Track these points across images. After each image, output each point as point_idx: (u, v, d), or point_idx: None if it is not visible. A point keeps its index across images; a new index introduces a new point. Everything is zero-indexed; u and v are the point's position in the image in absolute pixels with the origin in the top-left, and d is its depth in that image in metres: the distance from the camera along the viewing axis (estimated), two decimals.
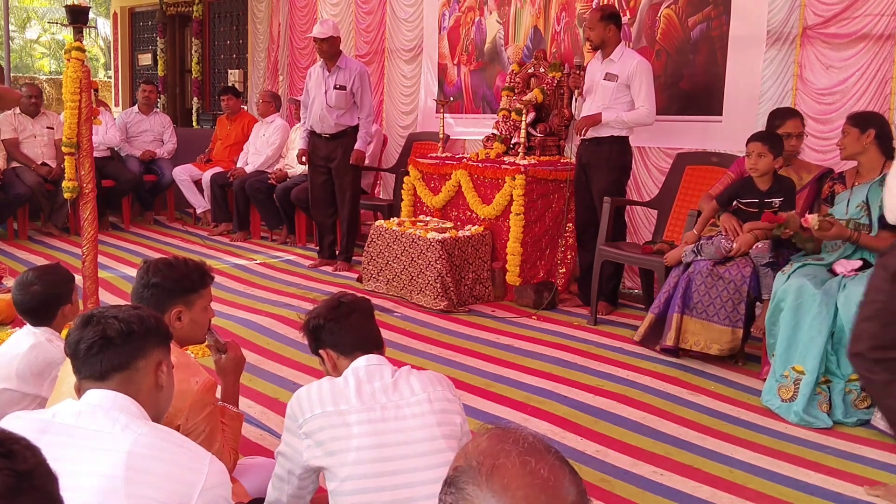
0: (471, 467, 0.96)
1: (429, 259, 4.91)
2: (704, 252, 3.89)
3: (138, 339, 1.61)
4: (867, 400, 3.27)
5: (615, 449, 3.00)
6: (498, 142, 5.52)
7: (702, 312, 3.84)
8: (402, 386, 1.93)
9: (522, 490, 0.93)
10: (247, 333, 4.31)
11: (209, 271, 2.27)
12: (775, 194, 3.84)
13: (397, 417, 1.86)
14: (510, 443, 0.98)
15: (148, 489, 1.43)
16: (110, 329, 1.58)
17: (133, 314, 1.63)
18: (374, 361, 1.97)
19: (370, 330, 2.07)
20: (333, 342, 2.02)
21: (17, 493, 0.88)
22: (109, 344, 1.57)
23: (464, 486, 0.95)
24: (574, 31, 5.66)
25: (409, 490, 1.80)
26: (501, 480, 0.93)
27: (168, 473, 1.46)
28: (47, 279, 2.63)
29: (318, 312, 2.07)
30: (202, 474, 1.50)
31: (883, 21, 4.16)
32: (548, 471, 0.95)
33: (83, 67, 3.84)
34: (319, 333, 2.04)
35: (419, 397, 1.91)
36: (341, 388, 1.90)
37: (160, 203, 8.16)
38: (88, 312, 1.65)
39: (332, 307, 2.06)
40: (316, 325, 2.05)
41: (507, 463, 0.95)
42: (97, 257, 4.06)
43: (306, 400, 1.89)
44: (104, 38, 19.85)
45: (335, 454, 1.82)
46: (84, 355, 1.57)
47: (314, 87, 5.83)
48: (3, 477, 0.87)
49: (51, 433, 1.46)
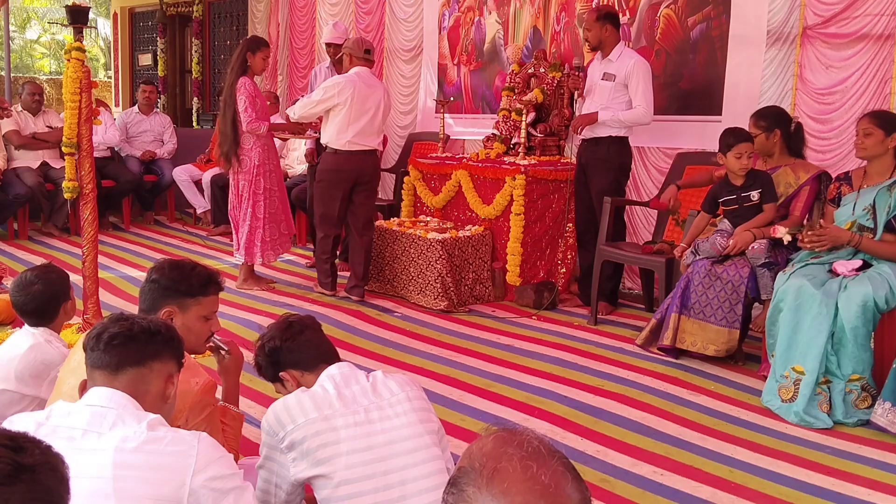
0: (473, 469, 0.96)
1: (429, 259, 4.91)
2: (701, 250, 3.90)
3: (160, 343, 1.66)
4: (867, 400, 3.27)
5: (615, 449, 3.00)
6: (498, 142, 5.52)
7: (699, 313, 3.84)
8: (380, 388, 1.94)
9: (522, 496, 0.92)
10: (247, 333, 4.30)
11: (217, 281, 2.20)
12: (751, 188, 3.87)
13: (382, 418, 1.87)
14: (514, 446, 0.97)
15: (138, 485, 1.43)
16: (137, 326, 1.65)
17: (161, 323, 1.73)
18: (346, 368, 1.98)
19: (327, 343, 2.09)
20: (295, 361, 2.02)
21: (13, 480, 0.96)
22: (133, 338, 1.63)
23: (465, 487, 0.95)
24: (574, 32, 5.66)
25: (401, 488, 1.81)
26: (501, 485, 0.93)
27: (156, 465, 1.46)
28: (47, 278, 2.65)
29: (270, 335, 2.07)
30: (191, 457, 1.49)
31: (883, 21, 4.16)
32: (549, 477, 0.94)
33: (83, 68, 3.85)
34: (278, 356, 2.04)
35: (399, 397, 1.93)
36: (321, 396, 1.89)
37: (160, 203, 8.16)
38: (120, 313, 1.74)
39: (284, 328, 2.06)
40: (272, 347, 2.04)
41: (508, 467, 0.94)
42: (97, 257, 4.07)
43: (284, 412, 1.87)
44: (104, 38, 19.83)
45: (326, 462, 1.81)
46: (105, 345, 1.61)
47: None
48: (2, 464, 0.96)
49: (42, 435, 1.46)
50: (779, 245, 3.80)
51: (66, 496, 1.05)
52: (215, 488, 1.50)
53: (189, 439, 1.52)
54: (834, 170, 4.09)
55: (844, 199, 3.63)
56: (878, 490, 2.72)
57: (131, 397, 1.57)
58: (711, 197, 4.06)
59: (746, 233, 3.81)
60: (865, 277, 3.33)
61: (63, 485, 1.05)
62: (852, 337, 3.25)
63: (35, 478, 1.00)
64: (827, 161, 4.25)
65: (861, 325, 3.25)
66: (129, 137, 7.87)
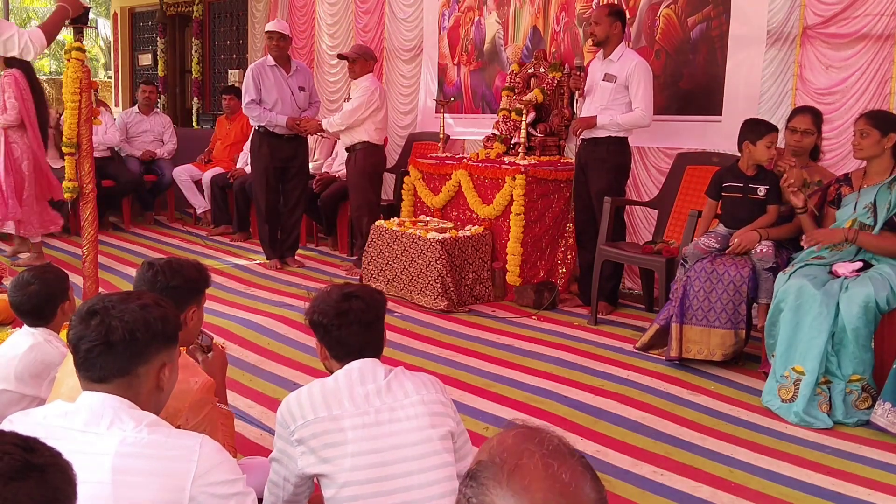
0: (493, 463, 0.96)
1: (429, 259, 4.90)
2: (690, 255, 3.91)
3: (141, 346, 1.54)
4: (868, 401, 3.27)
5: (615, 449, 3.00)
6: (498, 142, 5.51)
7: (702, 319, 3.80)
8: (395, 388, 1.89)
9: (542, 493, 0.93)
10: (247, 333, 4.31)
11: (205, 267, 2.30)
12: (760, 182, 3.88)
13: (391, 420, 1.83)
14: (535, 443, 0.98)
15: (138, 490, 1.41)
16: (113, 334, 1.51)
17: (139, 318, 1.54)
18: (368, 364, 1.92)
19: (371, 338, 1.95)
20: (329, 344, 1.95)
21: (23, 477, 1.00)
22: (111, 349, 1.51)
23: (485, 481, 0.95)
24: (574, 32, 5.66)
25: (406, 494, 1.78)
26: (522, 481, 0.94)
27: (156, 469, 1.43)
28: (44, 278, 2.63)
29: (323, 308, 1.93)
30: (192, 461, 1.46)
31: (883, 21, 4.16)
32: (569, 475, 0.95)
33: (83, 68, 3.85)
34: (318, 330, 1.95)
35: (412, 399, 1.87)
36: (333, 391, 1.85)
37: (160, 203, 8.16)
38: (92, 304, 1.56)
39: (340, 311, 1.92)
40: (317, 321, 1.94)
41: (529, 464, 0.95)
42: (97, 257, 4.08)
43: (297, 406, 1.84)
44: (104, 38, 19.84)
45: (331, 461, 1.79)
46: (84, 356, 1.51)
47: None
48: (11, 460, 1.00)
49: (39, 436, 1.45)
50: (783, 246, 3.81)
51: (74, 498, 1.07)
52: (216, 494, 1.48)
53: (190, 444, 1.48)
54: (834, 170, 4.10)
55: (845, 200, 3.63)
56: (878, 490, 2.72)
57: (124, 398, 1.52)
58: (717, 181, 4.04)
59: (752, 233, 3.80)
60: (867, 278, 3.32)
61: (71, 487, 1.06)
62: (853, 337, 3.25)
63: (44, 476, 1.02)
64: (827, 161, 4.25)
65: (862, 325, 3.24)
66: (129, 137, 7.87)
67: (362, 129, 5.71)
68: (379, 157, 5.93)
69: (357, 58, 5.74)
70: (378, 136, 5.81)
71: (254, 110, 5.77)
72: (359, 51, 5.84)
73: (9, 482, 0.98)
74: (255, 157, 6.00)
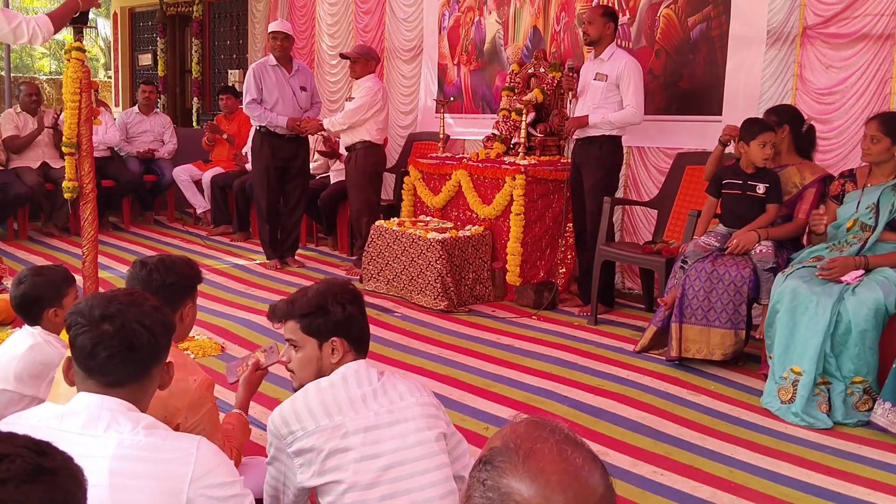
0: (508, 448, 0.99)
1: (429, 259, 4.90)
2: (689, 255, 3.91)
3: (161, 348, 1.54)
4: (869, 402, 3.27)
5: (615, 449, 3.00)
6: (498, 142, 5.51)
7: (701, 318, 3.80)
8: (389, 390, 1.87)
9: (557, 475, 0.95)
10: (247, 333, 4.31)
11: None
12: (760, 180, 3.87)
13: (391, 423, 1.82)
14: (547, 431, 1.01)
15: (134, 493, 1.40)
16: (137, 339, 1.48)
17: (157, 319, 1.53)
18: (363, 365, 1.90)
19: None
20: (357, 336, 1.90)
21: (34, 479, 1.01)
22: (133, 354, 1.48)
23: (500, 464, 0.97)
24: (574, 31, 5.65)
25: (408, 496, 1.77)
26: (538, 463, 0.96)
27: (153, 472, 1.42)
28: (34, 280, 2.57)
29: (344, 299, 1.89)
30: (189, 464, 1.44)
31: (883, 21, 4.16)
32: (582, 461, 0.98)
33: (83, 67, 3.84)
34: (349, 324, 1.89)
35: (408, 402, 1.87)
36: (331, 395, 1.82)
37: (160, 203, 8.16)
38: (97, 307, 1.49)
39: (357, 301, 1.88)
40: (348, 314, 1.88)
41: (544, 448, 0.98)
42: (97, 257, 4.07)
43: (293, 416, 1.79)
44: (104, 38, 19.84)
45: (334, 470, 1.77)
46: (104, 362, 1.47)
47: None
48: (24, 462, 1.01)
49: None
50: (784, 247, 3.80)
51: (83, 502, 1.08)
52: (213, 496, 1.46)
53: (187, 446, 1.47)
54: (834, 170, 4.09)
55: (848, 197, 3.63)
56: (878, 490, 2.72)
57: (123, 401, 1.50)
58: (717, 179, 4.05)
59: (751, 233, 3.80)
60: (873, 282, 3.31)
61: (81, 491, 1.08)
62: (860, 340, 3.24)
63: (56, 480, 1.03)
64: (827, 161, 4.25)
65: (871, 328, 3.24)
66: (130, 138, 7.87)
67: (363, 128, 5.73)
68: (379, 157, 5.95)
69: (359, 58, 5.75)
70: (379, 135, 5.84)
71: (254, 110, 5.78)
72: (361, 51, 5.85)
73: (20, 485, 0.99)
74: (255, 157, 6.00)
